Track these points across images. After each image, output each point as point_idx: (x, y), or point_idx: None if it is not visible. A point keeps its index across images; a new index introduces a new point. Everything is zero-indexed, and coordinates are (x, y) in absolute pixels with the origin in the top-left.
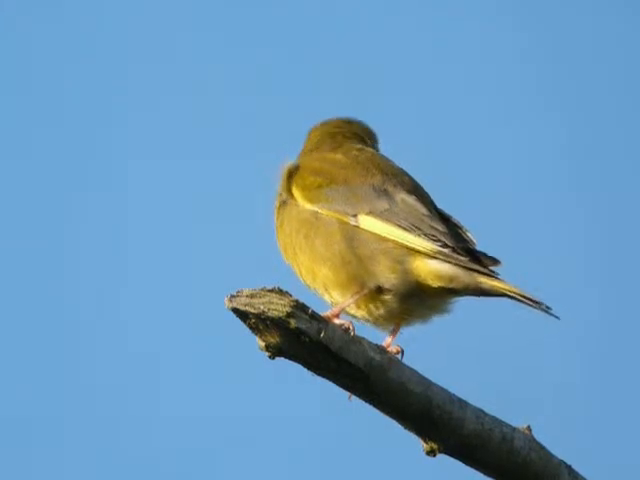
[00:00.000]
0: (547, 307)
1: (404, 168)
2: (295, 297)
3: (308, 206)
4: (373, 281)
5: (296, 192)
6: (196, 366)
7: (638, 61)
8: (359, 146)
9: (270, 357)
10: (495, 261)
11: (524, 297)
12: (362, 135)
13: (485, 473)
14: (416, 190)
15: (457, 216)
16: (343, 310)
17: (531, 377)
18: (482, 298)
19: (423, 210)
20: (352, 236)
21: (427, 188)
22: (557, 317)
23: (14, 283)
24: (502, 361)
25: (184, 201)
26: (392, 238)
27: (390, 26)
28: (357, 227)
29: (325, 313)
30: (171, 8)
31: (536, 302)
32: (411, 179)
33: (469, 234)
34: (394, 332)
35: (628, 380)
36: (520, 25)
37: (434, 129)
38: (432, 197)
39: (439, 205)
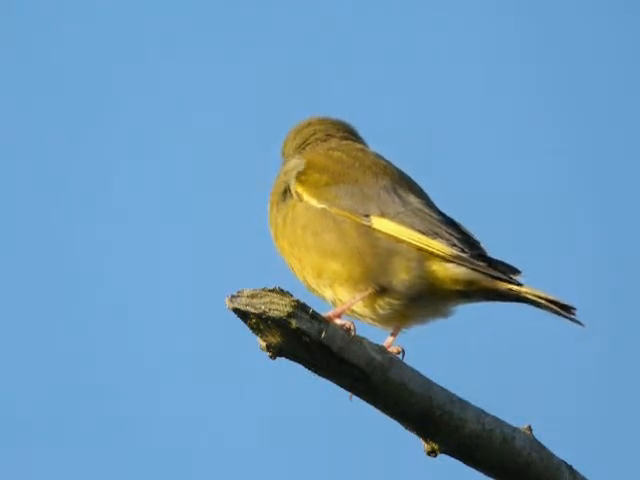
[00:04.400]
0: (572, 312)
1: (402, 169)
2: (296, 297)
3: (315, 203)
4: (385, 280)
5: (300, 189)
6: (196, 366)
7: (638, 61)
8: (359, 146)
9: (271, 357)
10: (514, 270)
11: (549, 301)
12: (354, 136)
13: (486, 473)
14: (422, 194)
15: (456, 215)
16: (345, 311)
17: (532, 377)
18: (492, 303)
19: (435, 215)
20: (367, 234)
21: (426, 189)
22: (581, 324)
23: (14, 281)
24: (503, 361)
25: (184, 201)
26: (408, 240)
27: (388, 26)
28: (370, 227)
29: (327, 313)
30: (170, 9)
31: (562, 306)
32: (415, 183)
33: (479, 241)
34: (395, 332)
35: (628, 380)
36: (522, 24)
37: (431, 129)
38: (434, 200)
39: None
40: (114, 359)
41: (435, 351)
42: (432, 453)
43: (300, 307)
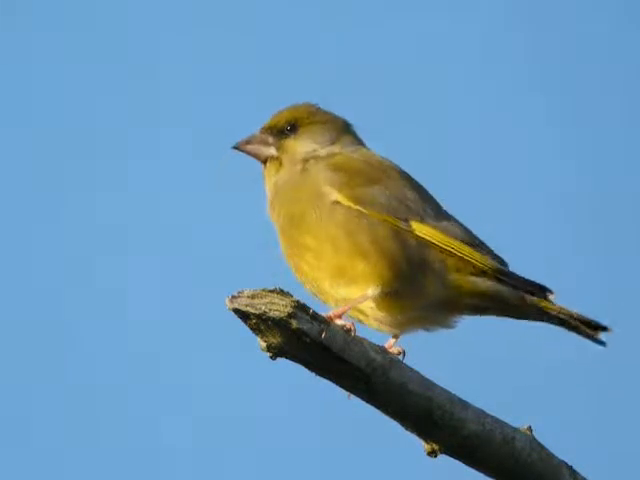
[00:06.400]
0: (599, 329)
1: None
2: (296, 297)
3: (349, 204)
4: (407, 287)
5: (336, 189)
6: (196, 366)
7: (637, 61)
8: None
9: (271, 357)
10: (546, 289)
11: (583, 322)
12: (353, 133)
13: (486, 474)
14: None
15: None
16: (346, 312)
17: (532, 377)
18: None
19: (468, 227)
20: (402, 239)
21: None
22: (604, 344)
23: (13, 282)
24: (503, 361)
25: (184, 200)
26: (451, 249)
27: (386, 25)
28: (409, 231)
29: (327, 313)
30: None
31: (593, 327)
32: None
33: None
34: (398, 335)
35: (628, 380)
36: (521, 24)
37: (430, 128)
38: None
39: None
40: (114, 359)
41: (435, 352)
42: (432, 453)
43: (300, 307)
